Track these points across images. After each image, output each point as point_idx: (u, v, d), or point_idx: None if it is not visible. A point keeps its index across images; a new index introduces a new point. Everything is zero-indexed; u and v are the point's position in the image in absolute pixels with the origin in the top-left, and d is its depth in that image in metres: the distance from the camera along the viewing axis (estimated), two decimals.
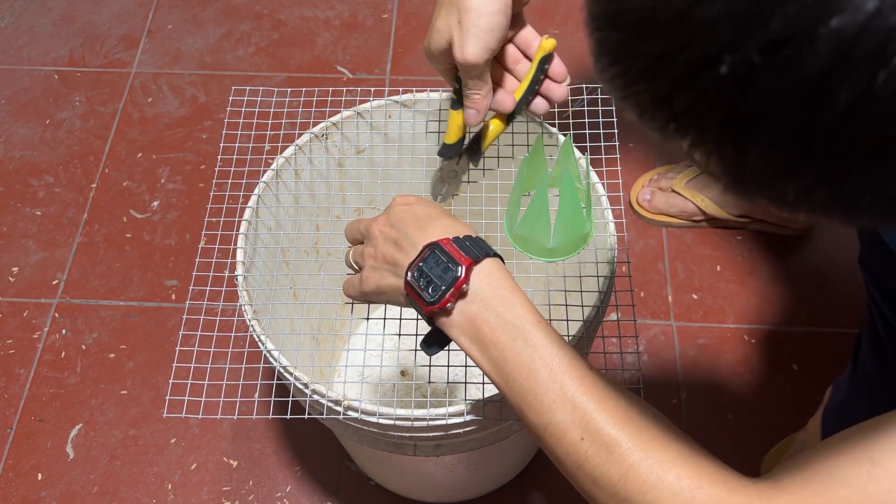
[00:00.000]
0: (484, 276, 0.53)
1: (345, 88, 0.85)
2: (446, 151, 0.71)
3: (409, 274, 0.54)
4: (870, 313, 0.75)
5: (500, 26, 0.61)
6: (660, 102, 0.33)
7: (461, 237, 0.55)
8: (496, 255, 0.55)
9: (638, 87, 0.34)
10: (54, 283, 1.19)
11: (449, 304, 0.52)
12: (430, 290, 0.53)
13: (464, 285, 0.52)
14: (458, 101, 0.68)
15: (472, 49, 0.60)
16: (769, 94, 0.29)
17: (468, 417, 0.65)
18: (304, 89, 0.83)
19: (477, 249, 0.54)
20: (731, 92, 0.30)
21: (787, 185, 0.33)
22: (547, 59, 0.67)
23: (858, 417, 0.64)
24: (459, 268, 0.52)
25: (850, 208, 0.33)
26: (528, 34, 0.68)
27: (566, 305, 0.70)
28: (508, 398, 0.51)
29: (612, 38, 0.33)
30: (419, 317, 0.56)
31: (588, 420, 0.48)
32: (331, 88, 0.84)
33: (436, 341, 0.57)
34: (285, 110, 0.83)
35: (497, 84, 0.68)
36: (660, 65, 0.32)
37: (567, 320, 0.69)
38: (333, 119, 0.82)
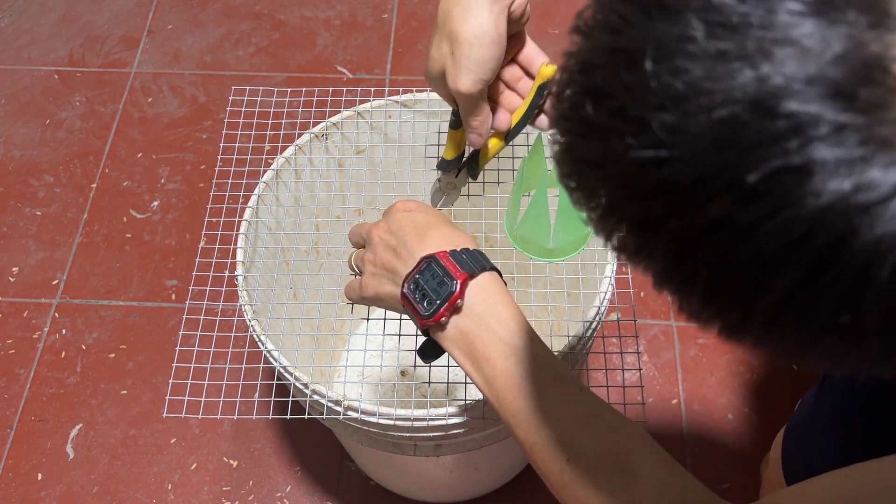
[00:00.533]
0: (479, 291, 0.53)
1: (345, 88, 0.85)
2: (445, 166, 0.71)
3: (406, 286, 0.54)
4: None
5: (493, 57, 0.60)
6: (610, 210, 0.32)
7: (458, 250, 0.55)
8: (493, 268, 0.55)
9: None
10: (54, 283, 1.19)
11: (443, 319, 0.53)
12: (425, 304, 0.53)
13: (458, 300, 0.52)
14: (456, 121, 0.68)
15: (465, 81, 0.59)
16: (723, 255, 0.28)
17: (468, 417, 0.65)
18: (304, 89, 0.83)
19: (473, 263, 0.54)
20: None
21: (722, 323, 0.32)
22: (546, 86, 0.67)
23: (819, 435, 0.64)
24: (454, 283, 0.52)
25: (789, 355, 0.32)
26: (530, 51, 0.66)
27: (566, 305, 0.70)
28: (499, 414, 0.52)
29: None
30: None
31: (573, 443, 0.48)
32: (331, 88, 0.84)
33: (431, 351, 0.58)
34: (285, 110, 0.83)
35: (497, 102, 0.67)
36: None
37: (567, 320, 0.69)
38: (333, 119, 0.82)
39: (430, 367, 0.71)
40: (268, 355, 0.69)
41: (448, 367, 0.70)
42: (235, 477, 1.02)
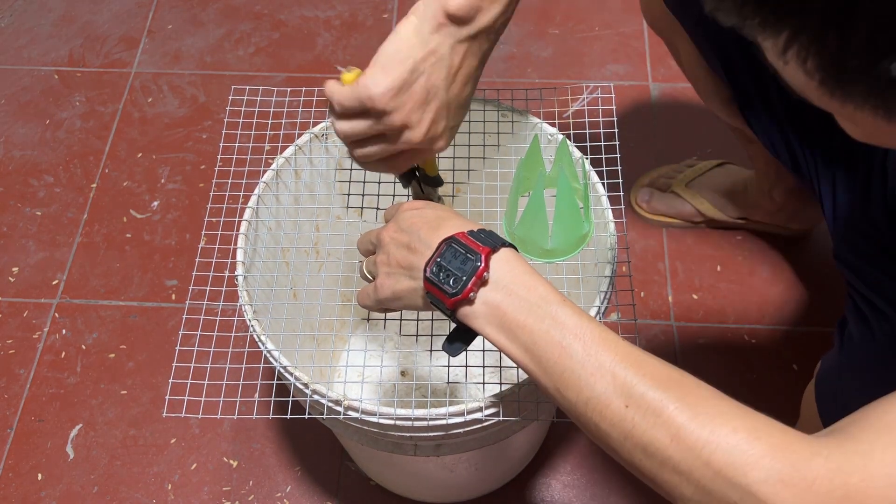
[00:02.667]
0: (503, 264, 0.53)
1: None
2: (402, 181, 0.72)
3: (428, 270, 0.54)
4: (851, 298, 0.76)
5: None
6: None
7: (475, 230, 0.55)
8: (511, 244, 0.56)
9: None
10: (54, 283, 1.19)
11: (472, 294, 0.53)
12: (451, 283, 0.53)
13: (485, 273, 0.52)
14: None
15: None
16: None
17: (468, 417, 0.65)
18: (303, 89, 0.83)
19: (492, 240, 0.54)
20: None
21: (889, 64, 0.33)
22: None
23: (850, 385, 0.64)
24: (479, 256, 0.53)
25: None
26: None
27: None
28: (542, 381, 0.51)
29: None
30: (435, 316, 0.56)
31: (630, 387, 0.47)
32: None
33: (460, 338, 0.57)
34: (285, 110, 0.83)
35: None
36: None
37: None
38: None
39: (430, 367, 0.72)
40: (268, 355, 0.69)
41: (448, 366, 0.70)
42: (235, 477, 1.02)
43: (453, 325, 0.57)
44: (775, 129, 0.86)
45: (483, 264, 0.52)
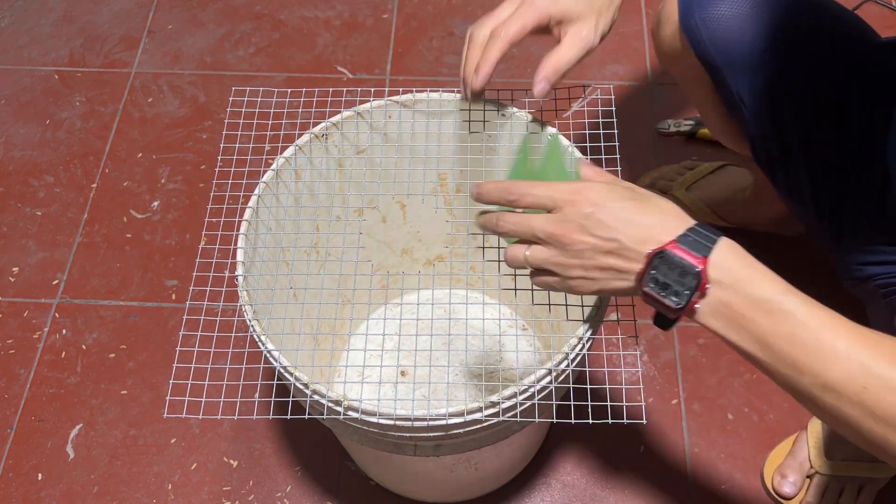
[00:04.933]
0: (721, 266, 0.53)
1: (345, 88, 0.85)
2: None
3: (646, 285, 0.54)
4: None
5: None
6: None
7: (682, 233, 0.54)
8: (720, 234, 0.55)
9: None
10: (54, 283, 1.19)
11: (697, 306, 0.53)
12: (673, 298, 0.54)
13: (707, 286, 0.53)
14: None
15: None
16: None
17: (468, 418, 0.65)
18: (304, 89, 0.83)
19: (705, 240, 0.54)
20: None
21: None
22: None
23: None
24: (697, 270, 0.53)
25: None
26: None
27: (566, 305, 0.70)
28: (773, 368, 0.52)
29: None
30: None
31: (867, 368, 0.49)
32: (331, 88, 0.84)
33: (672, 320, 0.58)
34: (285, 110, 0.83)
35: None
36: None
37: (567, 320, 0.69)
38: (333, 119, 0.82)
39: (430, 367, 0.72)
40: (268, 355, 0.69)
41: (448, 366, 0.70)
42: (235, 477, 1.02)
43: None
44: (786, 167, 0.88)
45: (704, 277, 0.53)
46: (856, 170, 0.84)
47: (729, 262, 0.53)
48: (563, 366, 0.67)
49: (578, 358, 0.69)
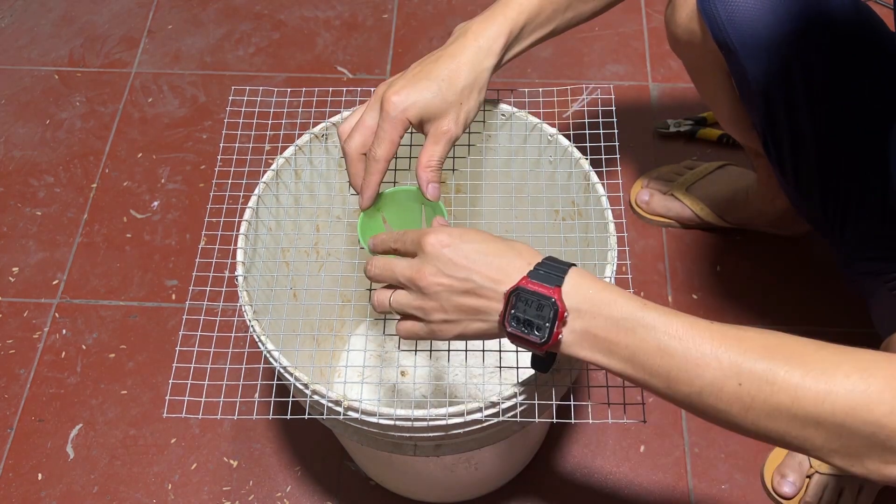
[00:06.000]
0: (575, 293, 0.54)
1: (345, 88, 0.85)
2: None
3: (508, 325, 0.55)
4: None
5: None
6: None
7: (533, 268, 0.55)
8: (570, 264, 0.55)
9: None
10: (54, 283, 1.19)
11: (560, 336, 0.54)
12: (535, 333, 0.54)
13: (565, 314, 0.53)
14: None
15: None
16: None
17: (468, 418, 0.65)
18: (304, 89, 0.83)
19: (555, 272, 0.54)
20: None
21: None
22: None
23: None
24: (552, 301, 0.53)
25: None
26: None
27: None
28: (650, 384, 0.53)
29: None
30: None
31: (738, 365, 0.50)
32: (331, 88, 0.84)
33: (547, 360, 0.59)
34: (285, 110, 0.83)
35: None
36: None
37: None
38: (333, 119, 0.82)
39: (430, 367, 0.72)
40: (268, 355, 0.69)
41: (448, 366, 0.70)
42: (235, 477, 1.02)
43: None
44: (795, 161, 0.88)
45: (560, 306, 0.53)
46: (864, 160, 0.84)
47: (582, 289, 0.54)
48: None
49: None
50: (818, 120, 0.85)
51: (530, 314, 0.53)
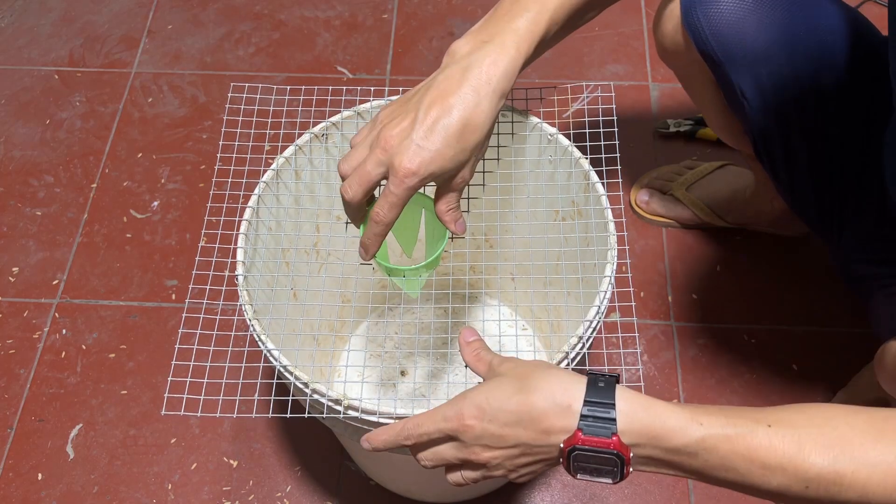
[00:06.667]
0: (630, 430, 0.53)
1: (345, 88, 0.85)
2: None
3: (577, 475, 0.55)
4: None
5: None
6: None
7: (580, 416, 0.53)
8: (611, 378, 0.54)
9: None
10: (54, 283, 1.19)
11: (631, 469, 0.54)
12: (608, 479, 0.54)
13: (630, 454, 0.53)
14: None
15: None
16: None
17: None
18: (303, 88, 0.83)
19: (604, 410, 0.53)
20: None
21: None
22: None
23: None
24: (614, 453, 0.53)
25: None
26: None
27: (566, 306, 0.70)
28: (720, 487, 0.55)
29: None
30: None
31: (801, 473, 0.50)
32: (330, 88, 0.84)
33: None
34: (285, 109, 0.83)
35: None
36: None
37: (567, 320, 0.69)
38: (333, 119, 0.82)
39: (430, 367, 0.71)
40: (268, 354, 0.69)
41: (448, 365, 0.70)
42: (235, 477, 1.02)
43: None
44: (788, 163, 0.88)
45: (624, 453, 0.53)
46: (858, 164, 0.84)
47: (636, 423, 0.53)
48: (563, 365, 0.67)
49: (579, 357, 0.69)
50: (809, 127, 0.85)
51: (595, 464, 0.53)
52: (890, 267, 0.82)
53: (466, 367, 0.61)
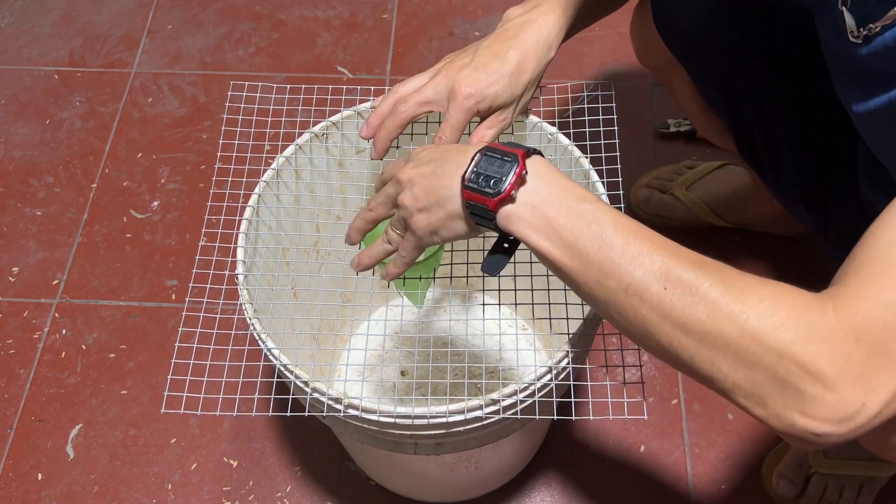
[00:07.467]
0: (539, 166, 0.56)
1: (345, 87, 0.85)
2: None
3: (467, 179, 0.57)
4: None
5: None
6: None
7: (500, 141, 0.59)
8: (539, 151, 0.58)
9: None
10: (54, 283, 1.19)
11: (513, 192, 0.55)
12: (491, 185, 0.55)
13: (523, 171, 0.55)
14: None
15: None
16: None
17: (469, 415, 0.65)
18: (303, 87, 0.83)
19: (524, 147, 0.57)
20: None
21: None
22: None
23: None
24: (515, 157, 0.56)
25: None
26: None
27: (566, 304, 0.70)
28: (583, 275, 0.54)
29: None
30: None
31: (667, 270, 0.51)
32: (330, 87, 0.84)
33: (500, 250, 0.60)
34: (284, 108, 0.83)
35: None
36: None
37: (567, 318, 0.69)
38: (333, 119, 0.82)
39: (430, 366, 0.71)
40: (268, 353, 0.69)
41: (448, 364, 0.70)
42: (235, 477, 1.02)
43: (492, 243, 0.60)
44: (771, 158, 0.88)
45: (521, 163, 0.55)
46: (836, 157, 0.84)
47: (545, 167, 0.57)
48: (563, 363, 0.67)
49: (579, 356, 0.69)
50: (787, 118, 0.85)
51: (491, 171, 0.56)
52: None
53: None
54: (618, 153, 0.75)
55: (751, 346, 0.47)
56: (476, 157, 0.57)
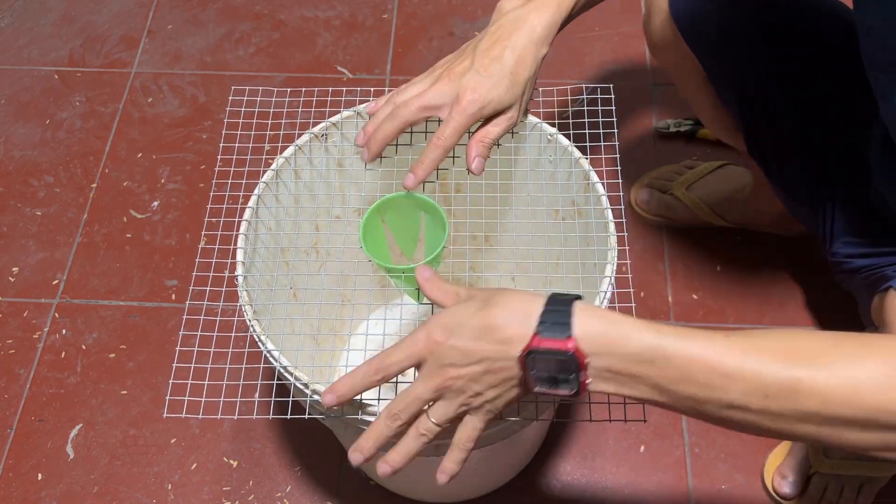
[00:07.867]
0: (587, 337, 0.52)
1: (345, 88, 0.85)
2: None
3: (535, 387, 0.54)
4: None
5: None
6: None
7: (536, 318, 0.53)
8: (572, 299, 0.54)
9: None
10: (54, 283, 1.19)
11: (588, 381, 0.53)
12: (564, 388, 0.53)
13: (585, 360, 0.52)
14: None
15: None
16: None
17: None
18: (303, 89, 0.83)
19: (560, 317, 0.53)
20: None
21: None
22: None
23: None
24: (569, 354, 0.52)
25: None
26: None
27: None
28: (676, 407, 0.53)
29: None
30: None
31: (761, 378, 0.50)
32: (331, 88, 0.84)
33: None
34: (285, 110, 0.83)
35: None
36: None
37: None
38: (333, 119, 0.82)
39: None
40: (268, 355, 0.69)
41: None
42: (235, 477, 1.02)
43: None
44: (778, 157, 0.88)
45: (579, 357, 0.52)
46: (844, 158, 0.84)
47: (593, 329, 0.53)
48: None
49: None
50: (796, 120, 0.85)
51: (551, 370, 0.53)
52: (875, 259, 0.82)
53: (433, 305, 0.61)
54: (618, 154, 0.75)
55: (878, 416, 0.48)
56: (526, 364, 0.53)
